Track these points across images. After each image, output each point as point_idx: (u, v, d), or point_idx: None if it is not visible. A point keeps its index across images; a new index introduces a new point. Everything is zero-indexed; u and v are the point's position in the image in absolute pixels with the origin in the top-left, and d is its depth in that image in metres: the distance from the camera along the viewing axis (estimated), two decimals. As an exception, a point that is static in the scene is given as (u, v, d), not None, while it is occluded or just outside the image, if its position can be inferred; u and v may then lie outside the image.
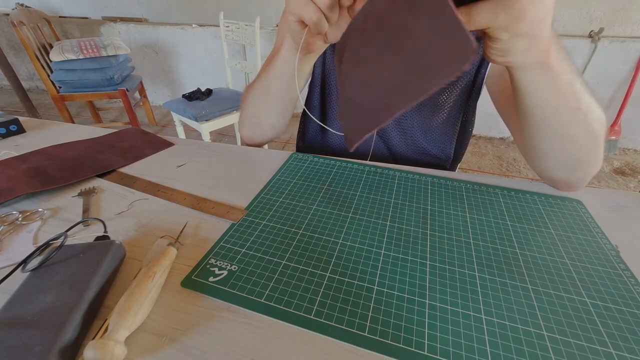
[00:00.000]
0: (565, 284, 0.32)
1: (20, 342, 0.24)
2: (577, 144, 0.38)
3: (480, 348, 0.26)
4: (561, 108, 0.35)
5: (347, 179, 0.49)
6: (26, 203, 0.43)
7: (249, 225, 0.39)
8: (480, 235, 0.38)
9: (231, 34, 1.68)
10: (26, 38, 1.65)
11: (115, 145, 0.58)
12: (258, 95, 0.53)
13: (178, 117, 1.64)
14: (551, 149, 0.40)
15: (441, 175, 0.50)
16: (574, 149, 0.38)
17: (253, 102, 0.54)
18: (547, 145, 0.40)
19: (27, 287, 0.28)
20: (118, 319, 0.25)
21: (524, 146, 0.45)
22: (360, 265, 0.34)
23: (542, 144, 0.40)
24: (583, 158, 0.39)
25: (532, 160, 0.45)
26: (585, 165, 0.40)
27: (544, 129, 0.38)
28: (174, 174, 0.50)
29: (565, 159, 0.40)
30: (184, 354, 0.26)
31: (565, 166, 0.41)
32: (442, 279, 0.32)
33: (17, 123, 0.62)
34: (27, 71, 2.94)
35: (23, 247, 0.36)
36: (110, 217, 0.41)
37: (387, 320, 0.28)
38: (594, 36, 1.81)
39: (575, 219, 0.41)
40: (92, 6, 2.61)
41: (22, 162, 0.51)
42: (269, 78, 0.49)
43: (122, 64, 1.87)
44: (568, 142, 0.38)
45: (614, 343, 0.27)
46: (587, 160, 0.40)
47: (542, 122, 0.37)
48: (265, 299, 0.30)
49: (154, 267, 0.30)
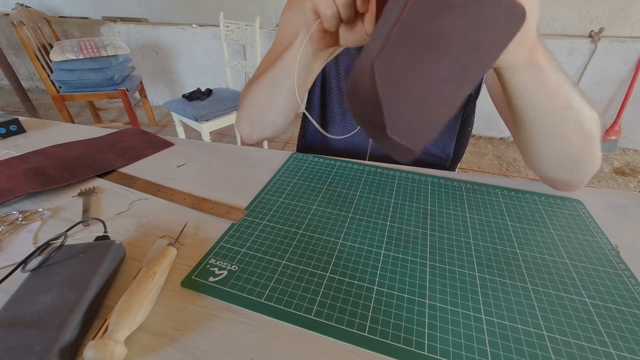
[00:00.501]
0: (565, 284, 0.32)
1: (20, 342, 0.24)
2: (571, 144, 0.38)
3: (480, 348, 0.26)
4: (552, 107, 0.35)
5: (347, 179, 0.49)
6: (26, 203, 0.43)
7: (249, 225, 0.39)
8: (480, 235, 0.38)
9: (231, 34, 1.68)
10: (26, 38, 1.65)
11: (115, 145, 0.58)
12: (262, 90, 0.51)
13: (178, 117, 1.64)
14: (545, 149, 0.40)
15: (441, 175, 0.50)
16: (568, 148, 0.39)
17: (256, 96, 0.52)
18: (541, 146, 0.40)
19: (27, 287, 0.28)
20: (118, 319, 0.25)
21: (521, 146, 0.45)
22: (360, 265, 0.34)
23: (537, 144, 0.40)
24: (579, 157, 0.40)
25: (529, 161, 0.45)
26: (582, 165, 0.40)
27: (536, 129, 0.38)
28: (174, 174, 0.50)
29: (561, 158, 0.40)
30: (184, 354, 0.26)
31: (562, 166, 0.42)
32: (442, 279, 0.32)
33: (17, 123, 0.62)
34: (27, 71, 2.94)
35: (23, 247, 0.36)
36: (110, 217, 0.41)
37: (387, 320, 0.28)
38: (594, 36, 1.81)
39: (575, 219, 0.41)
40: (92, 6, 2.61)
41: (22, 162, 0.51)
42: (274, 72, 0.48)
43: (122, 64, 1.87)
44: (561, 141, 0.38)
45: (614, 343, 0.27)
46: (584, 159, 0.40)
47: (534, 122, 0.37)
48: (265, 299, 0.30)
49: (154, 267, 0.30)
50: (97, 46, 1.73)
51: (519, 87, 0.34)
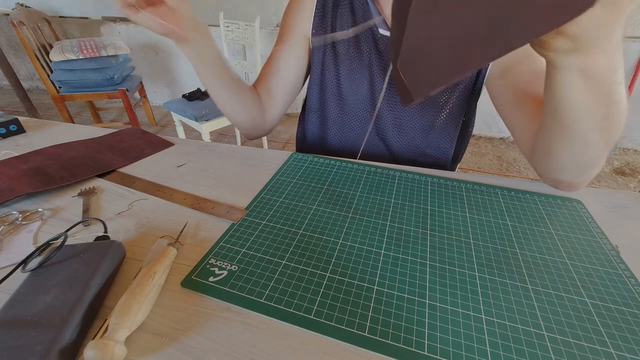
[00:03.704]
0: (565, 284, 0.32)
1: (20, 342, 0.24)
2: (593, 150, 0.36)
3: (480, 348, 0.26)
4: (591, 116, 0.32)
5: (347, 179, 0.49)
6: (26, 203, 0.43)
7: (249, 225, 0.39)
8: (480, 235, 0.38)
9: (231, 34, 1.68)
10: (26, 38, 1.65)
11: (115, 145, 0.58)
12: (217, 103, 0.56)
13: (178, 117, 1.64)
14: (565, 152, 0.38)
15: (441, 175, 0.50)
16: (589, 154, 0.37)
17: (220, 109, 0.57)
18: (563, 148, 0.38)
19: (27, 287, 0.28)
20: (118, 319, 0.25)
21: (531, 146, 0.44)
22: (360, 265, 0.34)
23: (558, 147, 0.38)
24: (595, 162, 0.38)
25: (539, 161, 0.44)
26: (594, 169, 0.40)
27: (566, 133, 0.36)
28: (174, 174, 0.50)
29: (577, 162, 0.39)
30: (184, 354, 0.26)
31: (576, 169, 0.41)
32: (442, 279, 0.32)
33: (17, 123, 0.62)
34: (27, 71, 2.94)
35: (23, 247, 0.36)
36: (110, 217, 0.41)
37: (387, 320, 0.28)
38: (594, 36, 1.81)
39: (575, 219, 0.41)
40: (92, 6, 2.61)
41: (22, 162, 0.51)
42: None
43: (122, 64, 1.87)
44: (585, 147, 0.36)
45: (614, 343, 0.27)
46: (598, 164, 0.39)
47: (567, 126, 0.35)
48: (265, 299, 0.30)
49: (154, 267, 0.30)
50: (97, 46, 1.73)
51: (563, 91, 0.31)
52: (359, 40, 0.56)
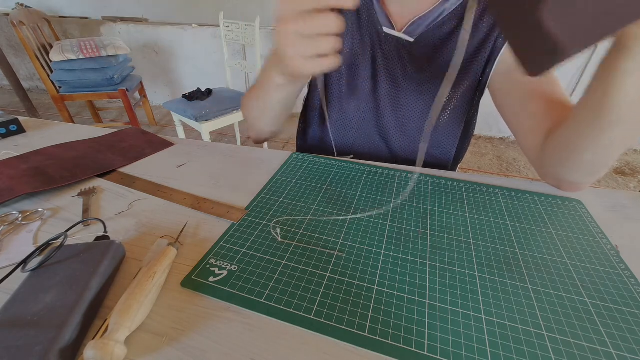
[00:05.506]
0: (565, 284, 0.32)
1: (20, 342, 0.24)
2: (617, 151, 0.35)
3: (480, 348, 0.26)
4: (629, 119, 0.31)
5: (347, 179, 0.49)
6: (26, 203, 0.43)
7: (249, 225, 0.39)
8: (480, 235, 0.38)
9: (231, 34, 1.68)
10: (26, 38, 1.65)
11: (115, 145, 0.58)
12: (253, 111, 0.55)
13: (178, 117, 1.64)
14: (588, 152, 0.37)
15: (441, 175, 0.50)
16: (613, 154, 0.36)
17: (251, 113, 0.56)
18: (587, 148, 0.36)
19: (27, 287, 0.28)
20: (118, 319, 0.25)
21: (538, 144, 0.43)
22: (360, 265, 0.34)
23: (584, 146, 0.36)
24: (610, 164, 0.38)
25: (550, 160, 0.43)
26: (605, 169, 0.39)
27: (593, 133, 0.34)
28: (174, 174, 0.50)
29: (596, 162, 0.38)
30: (184, 354, 0.26)
31: (591, 169, 0.40)
32: (442, 279, 0.32)
33: (17, 123, 0.62)
34: (27, 71, 2.94)
35: (23, 247, 0.36)
36: (110, 217, 0.41)
37: (387, 320, 0.28)
38: (594, 36, 1.81)
39: (575, 219, 0.41)
40: (92, 6, 2.61)
41: (22, 162, 0.51)
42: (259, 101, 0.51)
43: (122, 64, 1.87)
44: (607, 148, 0.35)
45: (614, 343, 0.27)
46: (611, 165, 0.38)
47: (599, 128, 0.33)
48: (265, 299, 0.30)
49: (154, 267, 0.30)
50: (97, 46, 1.73)
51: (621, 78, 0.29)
52: (363, 38, 0.56)
